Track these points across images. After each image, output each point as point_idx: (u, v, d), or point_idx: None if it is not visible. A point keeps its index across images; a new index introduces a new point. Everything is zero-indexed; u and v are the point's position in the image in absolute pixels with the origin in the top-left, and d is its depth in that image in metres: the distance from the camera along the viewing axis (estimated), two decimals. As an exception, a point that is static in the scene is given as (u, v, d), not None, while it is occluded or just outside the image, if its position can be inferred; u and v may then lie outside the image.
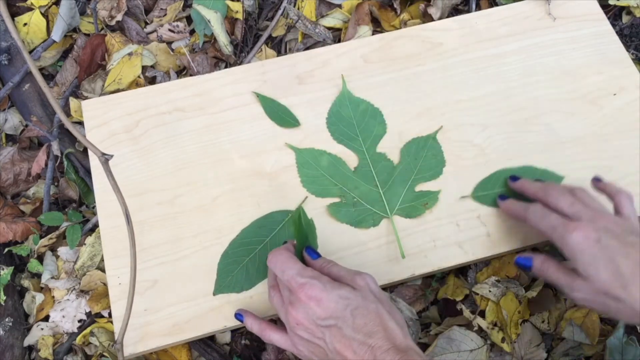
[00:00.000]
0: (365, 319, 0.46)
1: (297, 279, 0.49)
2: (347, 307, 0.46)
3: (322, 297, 0.46)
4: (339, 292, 0.47)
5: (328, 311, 0.46)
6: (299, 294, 0.48)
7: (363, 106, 0.71)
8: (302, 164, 0.68)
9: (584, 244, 0.49)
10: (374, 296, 0.48)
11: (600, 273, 0.47)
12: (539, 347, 0.64)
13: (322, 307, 0.46)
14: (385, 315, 0.47)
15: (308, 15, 0.83)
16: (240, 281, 0.62)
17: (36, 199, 0.75)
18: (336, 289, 0.47)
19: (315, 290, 0.47)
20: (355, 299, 0.47)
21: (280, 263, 0.51)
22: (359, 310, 0.46)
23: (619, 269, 0.46)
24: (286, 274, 0.50)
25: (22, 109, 0.79)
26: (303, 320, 0.48)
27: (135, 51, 0.79)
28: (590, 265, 0.48)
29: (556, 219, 0.53)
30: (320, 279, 0.48)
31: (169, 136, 0.70)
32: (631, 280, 0.46)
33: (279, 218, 0.65)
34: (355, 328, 0.46)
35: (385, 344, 0.45)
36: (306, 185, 0.67)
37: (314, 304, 0.47)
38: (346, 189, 0.67)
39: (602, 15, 0.78)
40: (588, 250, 0.48)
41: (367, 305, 0.47)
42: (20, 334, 0.67)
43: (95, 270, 0.68)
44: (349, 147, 0.69)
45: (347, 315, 0.46)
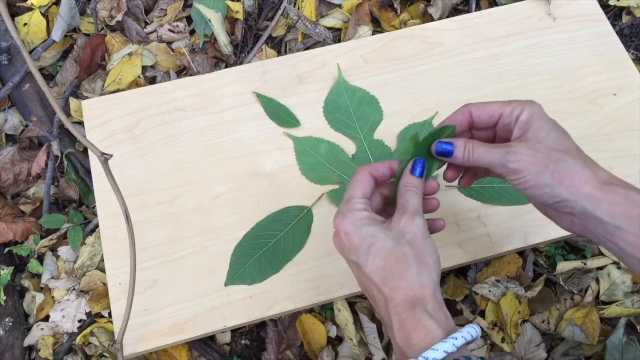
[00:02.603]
0: (385, 261, 0.45)
1: (342, 206, 0.48)
2: (371, 247, 0.45)
3: (349, 232, 0.46)
4: (368, 229, 0.46)
5: (353, 246, 0.46)
6: (335, 221, 0.48)
7: (359, 94, 0.72)
8: (301, 152, 0.69)
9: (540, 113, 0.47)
10: (407, 240, 0.45)
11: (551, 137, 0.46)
12: (539, 347, 0.64)
13: (349, 241, 0.46)
14: (409, 260, 0.44)
15: (308, 15, 0.83)
16: (252, 274, 0.63)
17: (36, 199, 0.75)
18: (367, 225, 0.46)
19: (345, 223, 0.46)
20: (383, 240, 0.45)
21: (351, 180, 0.49)
22: (382, 252, 0.45)
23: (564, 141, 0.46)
24: (346, 194, 0.49)
25: (22, 109, 0.79)
26: (338, 248, 0.49)
27: (135, 51, 0.79)
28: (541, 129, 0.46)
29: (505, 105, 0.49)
30: (355, 214, 0.47)
31: (169, 136, 0.70)
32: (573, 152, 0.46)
33: (294, 213, 0.65)
34: (374, 270, 0.45)
35: (397, 295, 0.44)
36: (305, 173, 0.68)
37: (344, 236, 0.47)
38: (345, 175, 0.67)
39: (602, 16, 0.78)
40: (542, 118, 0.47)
41: (393, 247, 0.45)
42: (20, 334, 0.67)
43: (95, 270, 0.68)
44: (346, 134, 0.70)
45: (369, 254, 0.45)
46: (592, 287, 0.68)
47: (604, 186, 0.44)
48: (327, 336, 0.66)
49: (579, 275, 0.69)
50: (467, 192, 0.67)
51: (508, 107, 0.48)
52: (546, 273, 0.69)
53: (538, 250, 0.70)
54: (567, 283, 0.68)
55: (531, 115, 0.47)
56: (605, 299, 0.68)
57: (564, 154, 0.45)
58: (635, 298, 0.66)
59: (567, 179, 0.44)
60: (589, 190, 0.44)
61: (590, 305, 0.66)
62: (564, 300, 0.67)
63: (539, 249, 0.70)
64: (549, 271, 0.70)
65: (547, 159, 0.45)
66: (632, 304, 0.66)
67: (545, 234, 0.65)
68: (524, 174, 0.45)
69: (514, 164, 0.45)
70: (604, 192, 0.43)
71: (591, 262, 0.69)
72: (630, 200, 0.43)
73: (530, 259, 0.69)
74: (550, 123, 0.47)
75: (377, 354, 0.65)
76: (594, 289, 0.68)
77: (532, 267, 0.69)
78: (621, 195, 0.43)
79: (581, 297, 0.68)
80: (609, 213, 0.43)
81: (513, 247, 0.65)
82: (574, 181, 0.44)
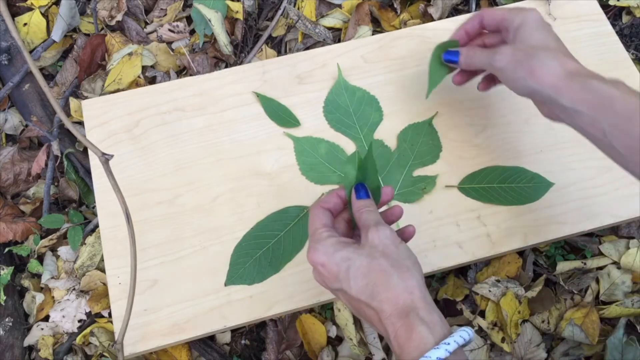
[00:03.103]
0: (366, 278, 0.45)
1: (309, 242, 0.49)
2: (349, 269, 0.46)
3: (324, 262, 0.47)
4: (342, 254, 0.47)
5: (332, 274, 0.47)
6: (308, 257, 0.49)
7: (359, 94, 0.72)
8: (301, 152, 0.69)
9: (534, 17, 0.54)
10: (380, 252, 0.46)
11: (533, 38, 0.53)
12: (539, 347, 0.64)
13: (327, 270, 0.47)
14: (388, 270, 0.45)
15: (308, 15, 0.83)
16: (252, 274, 0.63)
17: (36, 199, 0.75)
18: (339, 250, 0.47)
19: (318, 255, 0.47)
20: (358, 259, 0.46)
21: (309, 218, 0.51)
22: (361, 270, 0.45)
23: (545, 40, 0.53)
24: (309, 231, 0.50)
25: (22, 109, 0.79)
26: (320, 282, 0.49)
27: (135, 51, 0.79)
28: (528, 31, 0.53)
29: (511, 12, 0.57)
30: (323, 243, 0.48)
31: (169, 136, 0.70)
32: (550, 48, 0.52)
33: (294, 213, 0.65)
34: (358, 290, 0.45)
35: (388, 307, 0.44)
36: (305, 173, 0.68)
37: (321, 268, 0.47)
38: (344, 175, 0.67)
39: (602, 16, 0.78)
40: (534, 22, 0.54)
41: (370, 263, 0.46)
42: (20, 334, 0.67)
43: (95, 270, 0.68)
44: (346, 134, 0.70)
45: (349, 277, 0.46)
46: (592, 287, 0.68)
47: (567, 76, 0.50)
48: (327, 336, 0.66)
49: (579, 275, 0.69)
50: (467, 192, 0.67)
51: (509, 14, 0.55)
52: (546, 273, 0.69)
53: (538, 250, 0.70)
54: (567, 283, 0.68)
55: (523, 21, 0.54)
56: (605, 299, 0.68)
57: (540, 50, 0.52)
58: (635, 298, 0.66)
59: (537, 72, 0.51)
60: (553, 80, 0.50)
61: (590, 305, 0.66)
62: (564, 300, 0.67)
63: (539, 249, 0.70)
64: (549, 271, 0.70)
65: (523, 55, 0.52)
66: (632, 304, 0.66)
67: (545, 234, 0.65)
68: (504, 70, 0.53)
69: (498, 62, 0.53)
70: (566, 81, 0.49)
71: (591, 262, 0.69)
72: (588, 87, 0.48)
73: (530, 259, 0.69)
74: (540, 26, 0.53)
75: (377, 354, 0.65)
76: (594, 289, 0.68)
77: (532, 267, 0.69)
78: (580, 83, 0.49)
79: (581, 297, 0.68)
80: (569, 99, 0.49)
81: (513, 247, 0.65)
82: (542, 73, 0.50)
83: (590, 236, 0.71)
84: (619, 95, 0.48)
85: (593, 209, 0.66)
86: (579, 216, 0.66)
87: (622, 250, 0.69)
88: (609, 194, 0.67)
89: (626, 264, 0.68)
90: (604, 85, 0.48)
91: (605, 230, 0.71)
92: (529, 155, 0.69)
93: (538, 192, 0.67)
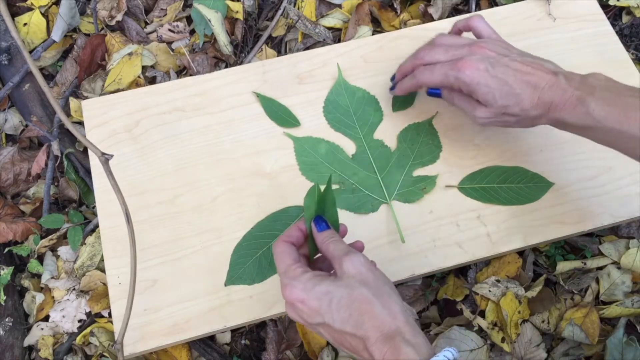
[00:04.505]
0: (350, 309, 0.45)
1: (282, 279, 0.48)
2: (331, 302, 0.45)
3: (304, 298, 0.46)
4: (320, 288, 0.46)
5: (313, 310, 0.46)
6: (284, 294, 0.48)
7: (359, 94, 0.72)
8: (301, 152, 0.69)
9: (477, 76, 0.54)
10: (359, 281, 0.46)
11: (497, 100, 0.54)
12: (539, 347, 0.64)
13: (307, 307, 0.46)
14: (371, 299, 0.45)
15: (308, 15, 0.83)
16: (252, 274, 0.63)
17: (36, 199, 0.75)
18: (317, 284, 0.46)
19: (296, 292, 0.47)
20: (338, 290, 0.46)
21: (275, 256, 0.50)
22: (343, 302, 0.45)
23: (512, 90, 0.53)
24: (279, 270, 0.50)
25: (22, 109, 0.79)
26: (297, 319, 0.48)
27: (135, 51, 0.79)
28: (488, 95, 0.54)
29: (443, 67, 0.57)
30: (300, 279, 0.47)
31: (169, 136, 0.70)
32: (522, 96, 0.53)
33: (294, 213, 0.65)
34: (342, 321, 0.45)
35: (374, 334, 0.44)
36: (305, 173, 0.68)
37: (300, 305, 0.47)
38: (345, 175, 0.67)
39: (602, 16, 0.78)
40: (483, 82, 0.54)
41: (350, 294, 0.45)
42: (20, 334, 0.67)
43: (95, 270, 0.68)
44: (346, 134, 0.70)
45: (332, 310, 0.45)
46: (592, 287, 0.68)
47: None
48: (327, 336, 0.66)
49: (579, 275, 0.69)
50: (467, 192, 0.67)
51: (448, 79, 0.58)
52: (546, 273, 0.69)
53: (538, 250, 0.70)
54: (567, 283, 0.68)
55: (469, 85, 0.56)
56: (605, 299, 0.68)
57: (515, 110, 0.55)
58: (635, 298, 0.66)
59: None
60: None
61: (590, 305, 0.66)
62: (564, 300, 0.67)
63: (539, 249, 0.70)
64: (549, 271, 0.70)
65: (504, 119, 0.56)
66: (632, 304, 0.66)
67: (545, 234, 0.65)
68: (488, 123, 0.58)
69: (481, 121, 0.58)
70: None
71: (591, 262, 0.69)
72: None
73: (530, 259, 0.69)
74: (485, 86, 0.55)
75: (377, 354, 0.65)
76: (594, 289, 0.68)
77: (532, 267, 0.69)
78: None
79: (581, 297, 0.68)
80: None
81: (513, 247, 0.65)
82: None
83: (590, 236, 0.71)
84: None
85: (593, 209, 0.66)
86: (579, 216, 0.66)
87: (622, 250, 0.69)
88: (609, 194, 0.67)
89: (626, 264, 0.68)
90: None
91: (605, 230, 0.71)
92: (529, 155, 0.69)
93: (538, 192, 0.67)
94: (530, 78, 0.53)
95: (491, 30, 0.62)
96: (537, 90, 0.53)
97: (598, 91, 0.50)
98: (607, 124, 0.49)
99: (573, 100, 0.51)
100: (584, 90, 0.51)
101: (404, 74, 0.65)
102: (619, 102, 0.49)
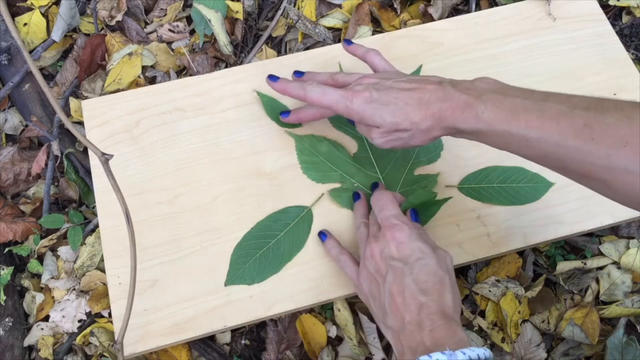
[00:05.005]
0: (429, 277, 0.48)
1: (392, 219, 0.53)
2: (419, 260, 0.49)
3: (403, 241, 0.50)
4: (421, 244, 0.50)
5: (401, 254, 0.50)
6: (386, 232, 0.52)
7: None
8: (302, 150, 0.69)
9: (363, 105, 0.55)
10: (447, 266, 0.51)
11: (386, 119, 0.53)
12: (539, 347, 0.64)
13: (399, 249, 0.50)
14: (447, 286, 0.49)
15: (308, 15, 0.83)
16: (252, 274, 0.63)
17: (36, 199, 0.75)
18: (419, 241, 0.51)
19: (401, 234, 0.51)
20: (431, 258, 0.50)
21: (383, 202, 0.56)
22: (428, 268, 0.49)
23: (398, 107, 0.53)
24: (384, 212, 0.54)
25: (22, 109, 0.79)
26: (377, 254, 0.52)
27: (135, 51, 0.79)
28: (376, 117, 0.54)
29: (335, 92, 0.57)
30: (411, 227, 0.52)
31: (169, 136, 0.70)
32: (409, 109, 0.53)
33: (295, 213, 0.65)
34: (416, 280, 0.48)
35: (434, 306, 0.47)
36: (306, 172, 0.68)
37: (394, 245, 0.50)
38: (346, 174, 0.67)
39: (602, 16, 0.78)
40: (369, 108, 0.55)
41: (436, 269, 0.49)
42: (20, 334, 0.67)
43: (95, 270, 0.68)
44: (347, 133, 0.70)
45: (415, 265, 0.49)
46: (592, 287, 0.68)
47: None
48: (327, 336, 0.66)
49: (579, 275, 0.69)
50: (467, 192, 0.67)
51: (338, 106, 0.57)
52: (546, 273, 0.69)
53: (538, 250, 0.70)
54: (567, 283, 0.68)
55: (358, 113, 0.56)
56: (605, 299, 0.68)
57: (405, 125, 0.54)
58: (635, 298, 0.66)
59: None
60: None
61: (590, 305, 0.67)
62: (564, 300, 0.67)
63: (539, 249, 0.70)
64: (549, 271, 0.70)
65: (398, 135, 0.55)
66: (632, 304, 0.66)
67: (545, 234, 0.65)
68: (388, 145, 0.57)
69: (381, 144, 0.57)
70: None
71: (591, 262, 0.69)
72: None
73: (530, 259, 0.69)
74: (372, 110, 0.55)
75: (377, 354, 0.65)
76: (594, 289, 0.68)
77: (532, 267, 0.69)
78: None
79: (581, 297, 0.68)
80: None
81: (513, 247, 0.65)
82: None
83: (590, 236, 0.71)
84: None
85: (593, 209, 0.66)
86: (578, 216, 0.66)
87: (622, 250, 0.69)
88: (609, 194, 0.67)
89: (626, 264, 0.68)
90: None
91: (605, 230, 0.71)
92: (529, 155, 0.69)
93: (538, 192, 0.67)
94: (416, 93, 0.53)
95: (387, 64, 0.63)
96: (423, 102, 0.52)
97: (485, 94, 0.49)
98: (497, 127, 0.47)
99: (461, 105, 0.50)
100: (471, 94, 0.50)
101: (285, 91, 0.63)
102: (507, 102, 0.47)
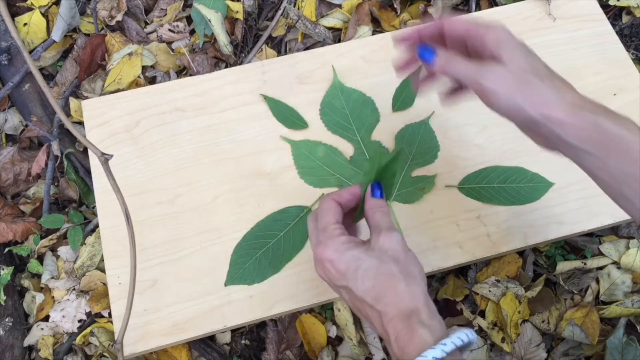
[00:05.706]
0: (374, 281, 0.46)
1: (318, 236, 0.49)
2: (358, 269, 0.46)
3: (334, 259, 0.47)
4: (352, 253, 0.47)
5: (340, 272, 0.47)
6: (316, 250, 0.49)
7: (355, 96, 0.72)
8: (298, 156, 0.69)
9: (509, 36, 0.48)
10: (390, 256, 0.47)
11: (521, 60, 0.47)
12: (539, 347, 0.64)
13: (335, 267, 0.47)
14: (397, 275, 0.46)
15: (308, 15, 0.83)
16: (252, 274, 0.63)
17: (36, 199, 0.75)
18: (350, 249, 0.47)
19: (328, 252, 0.48)
20: (368, 260, 0.47)
21: (320, 210, 0.51)
22: (369, 272, 0.46)
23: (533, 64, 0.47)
24: (319, 224, 0.50)
25: (22, 109, 0.79)
26: (323, 277, 0.50)
27: (135, 51, 0.79)
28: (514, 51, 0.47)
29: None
30: (335, 240, 0.48)
31: (169, 136, 0.70)
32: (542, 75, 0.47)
33: (294, 213, 0.65)
34: (364, 290, 0.46)
35: (391, 310, 0.45)
36: (303, 177, 0.68)
37: (329, 264, 0.48)
38: (343, 178, 0.67)
39: (602, 16, 0.78)
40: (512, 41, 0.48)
41: (378, 266, 0.46)
42: (20, 334, 0.67)
43: (95, 270, 0.68)
44: (343, 137, 0.70)
45: (357, 277, 0.46)
46: (592, 287, 0.68)
47: (572, 109, 0.45)
48: (327, 336, 0.66)
49: (579, 275, 0.69)
50: (467, 192, 0.67)
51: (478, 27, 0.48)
52: (546, 273, 0.69)
53: (538, 250, 0.70)
54: (567, 283, 0.68)
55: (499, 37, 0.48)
56: (605, 299, 0.68)
57: (533, 76, 0.46)
58: (635, 298, 0.66)
59: (537, 103, 0.45)
60: (557, 114, 0.45)
61: (590, 305, 0.67)
62: (564, 300, 0.67)
63: (539, 249, 0.70)
64: (549, 271, 0.70)
65: (518, 81, 0.46)
66: (632, 304, 0.66)
67: (545, 234, 0.65)
68: (496, 94, 0.46)
69: (488, 82, 0.46)
70: (572, 117, 0.45)
71: (591, 262, 0.69)
72: (597, 126, 0.44)
73: (530, 259, 0.69)
74: (520, 46, 0.48)
75: (377, 354, 0.65)
76: (594, 289, 0.68)
77: (532, 267, 0.69)
78: (589, 121, 0.44)
79: (581, 297, 0.68)
80: (577, 138, 0.45)
81: (513, 247, 0.65)
82: (543, 105, 0.45)
83: (590, 236, 0.71)
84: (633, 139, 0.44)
85: (593, 209, 0.66)
86: (579, 216, 0.66)
87: (622, 250, 0.69)
88: (609, 194, 0.67)
89: (626, 264, 0.68)
90: (614, 125, 0.44)
91: (605, 230, 0.71)
92: (529, 155, 0.69)
93: (538, 192, 0.67)
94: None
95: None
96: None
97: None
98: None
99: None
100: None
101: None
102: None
